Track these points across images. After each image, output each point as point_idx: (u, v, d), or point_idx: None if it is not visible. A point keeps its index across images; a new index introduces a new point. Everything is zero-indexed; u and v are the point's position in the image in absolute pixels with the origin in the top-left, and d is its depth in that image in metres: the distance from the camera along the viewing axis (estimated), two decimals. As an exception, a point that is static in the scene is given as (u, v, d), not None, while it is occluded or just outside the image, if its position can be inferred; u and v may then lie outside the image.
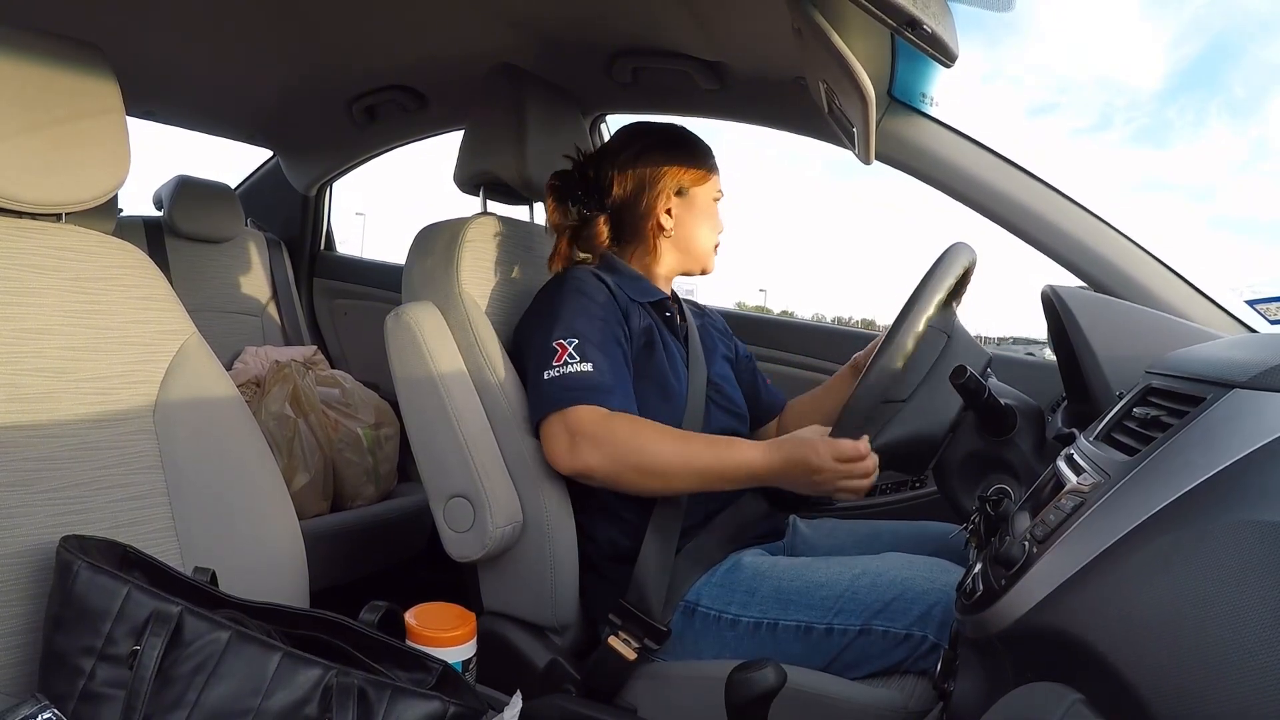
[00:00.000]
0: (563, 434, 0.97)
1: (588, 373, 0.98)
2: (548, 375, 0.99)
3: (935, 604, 0.89)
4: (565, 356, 0.99)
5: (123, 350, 0.81)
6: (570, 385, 0.98)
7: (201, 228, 1.96)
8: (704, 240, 1.17)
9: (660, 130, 1.18)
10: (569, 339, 1.00)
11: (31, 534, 0.72)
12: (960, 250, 0.96)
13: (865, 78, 0.78)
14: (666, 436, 0.96)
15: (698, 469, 0.94)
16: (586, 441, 0.95)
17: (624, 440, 0.95)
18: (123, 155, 0.82)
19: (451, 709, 0.67)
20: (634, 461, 0.95)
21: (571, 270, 1.10)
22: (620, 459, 0.95)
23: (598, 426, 0.96)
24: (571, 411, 0.97)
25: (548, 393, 0.99)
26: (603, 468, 0.96)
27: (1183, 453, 0.48)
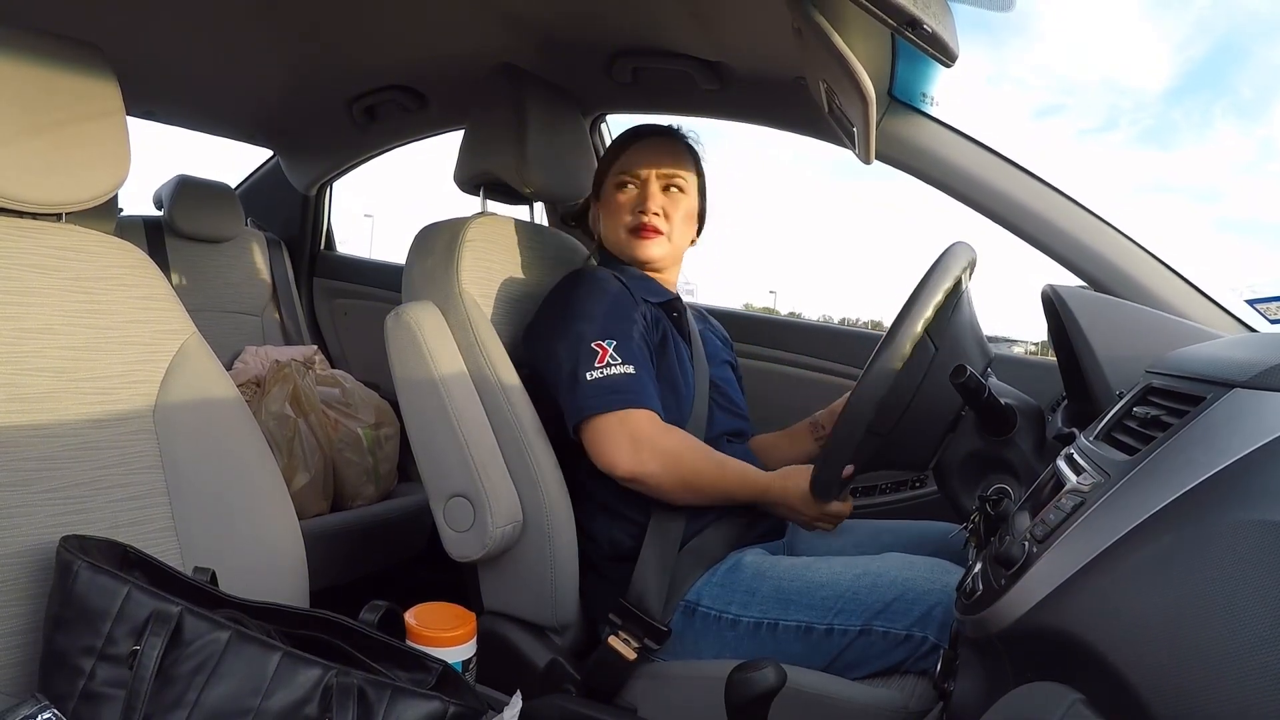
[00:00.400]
0: (623, 437, 0.97)
1: (631, 375, 0.99)
2: (591, 376, 0.99)
3: (936, 605, 0.89)
4: (607, 358, 0.99)
5: (123, 350, 0.81)
6: (618, 388, 0.98)
7: (202, 227, 1.96)
8: (610, 233, 1.17)
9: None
10: (607, 340, 1.00)
11: (32, 534, 0.72)
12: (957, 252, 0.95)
13: (865, 77, 0.78)
14: (709, 456, 1.01)
15: (727, 489, 1.01)
16: (650, 449, 0.97)
17: (681, 454, 0.99)
18: (123, 155, 0.82)
19: (451, 709, 0.67)
20: (685, 476, 0.99)
21: (590, 269, 1.10)
22: (675, 471, 0.98)
23: (660, 437, 0.98)
24: (630, 415, 0.98)
25: (593, 394, 0.99)
26: (657, 476, 0.98)
27: (1183, 452, 0.48)
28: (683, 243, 1.18)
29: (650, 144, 1.17)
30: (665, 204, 1.14)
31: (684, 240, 1.18)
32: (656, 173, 1.14)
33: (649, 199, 1.13)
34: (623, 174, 1.16)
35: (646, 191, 1.14)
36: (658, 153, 1.16)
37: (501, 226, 1.20)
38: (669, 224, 1.14)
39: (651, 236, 1.14)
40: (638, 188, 1.15)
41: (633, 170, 1.15)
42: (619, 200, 1.16)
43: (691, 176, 1.17)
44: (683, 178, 1.16)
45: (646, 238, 1.14)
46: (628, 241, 1.15)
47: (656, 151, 1.16)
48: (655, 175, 1.14)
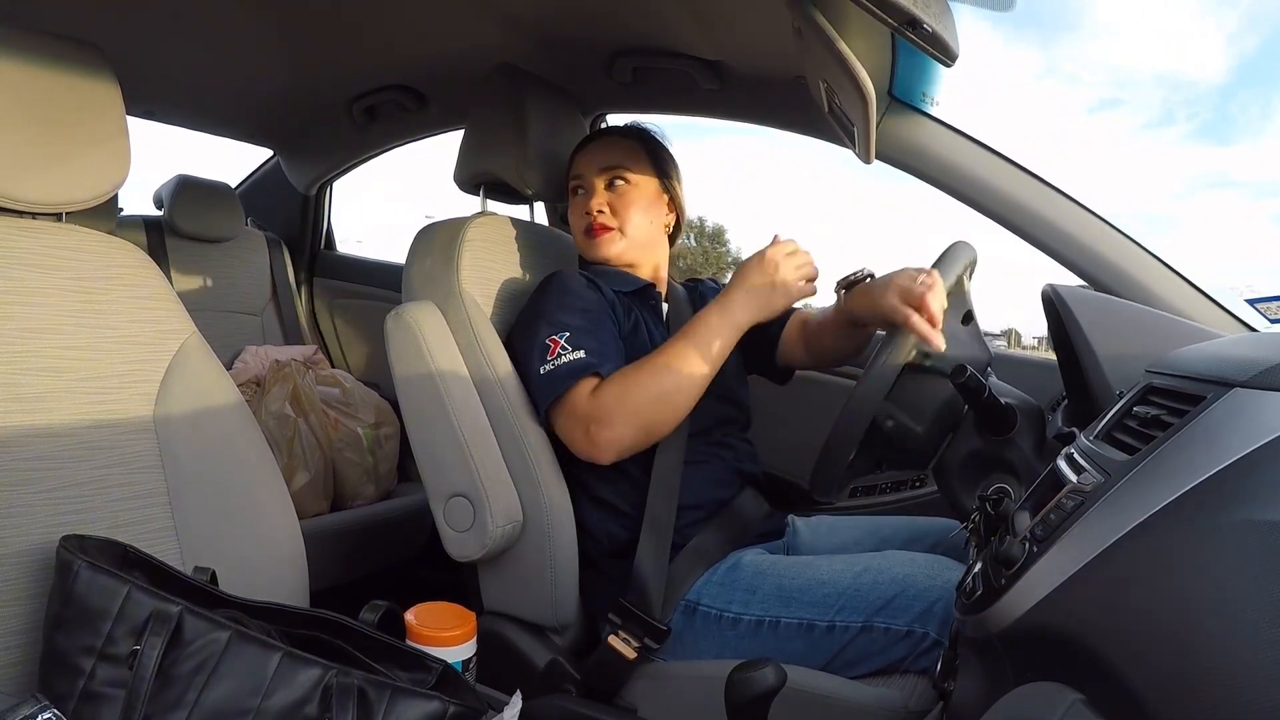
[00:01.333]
0: (574, 424, 0.99)
1: (579, 358, 1.00)
2: (543, 370, 1.01)
3: (937, 601, 0.89)
4: (558, 349, 1.01)
5: (123, 350, 0.81)
6: (564, 373, 1.00)
7: (202, 227, 1.96)
8: (574, 236, 1.19)
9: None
10: (560, 333, 1.02)
11: (32, 534, 0.72)
12: (958, 251, 0.95)
13: (865, 77, 0.78)
14: (644, 370, 0.98)
15: (691, 370, 0.97)
16: (594, 422, 0.97)
17: (619, 401, 0.97)
18: (123, 155, 0.82)
19: (451, 709, 0.67)
20: (641, 411, 0.96)
21: (560, 272, 1.11)
22: (630, 418, 0.96)
23: (592, 404, 0.98)
24: (567, 398, 0.99)
25: (545, 385, 1.01)
26: (627, 434, 0.97)
27: (1183, 452, 0.48)
28: (642, 234, 1.16)
29: (593, 145, 1.19)
30: (611, 200, 1.15)
31: (644, 232, 1.16)
32: (597, 171, 1.16)
33: (592, 198, 1.15)
34: (572, 179, 1.19)
35: (590, 191, 1.16)
36: (598, 151, 1.18)
37: (501, 226, 1.20)
38: (618, 218, 1.15)
39: (601, 234, 1.14)
40: (585, 189, 1.17)
41: (577, 173, 1.18)
42: (573, 204, 1.19)
43: (640, 168, 1.17)
44: (626, 170, 1.16)
45: (597, 236, 1.15)
46: (585, 243, 1.17)
47: (597, 150, 1.18)
48: (596, 173, 1.16)
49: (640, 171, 1.17)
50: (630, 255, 1.16)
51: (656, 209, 1.18)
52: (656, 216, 1.18)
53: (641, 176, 1.17)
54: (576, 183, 1.18)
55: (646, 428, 0.98)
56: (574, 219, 1.19)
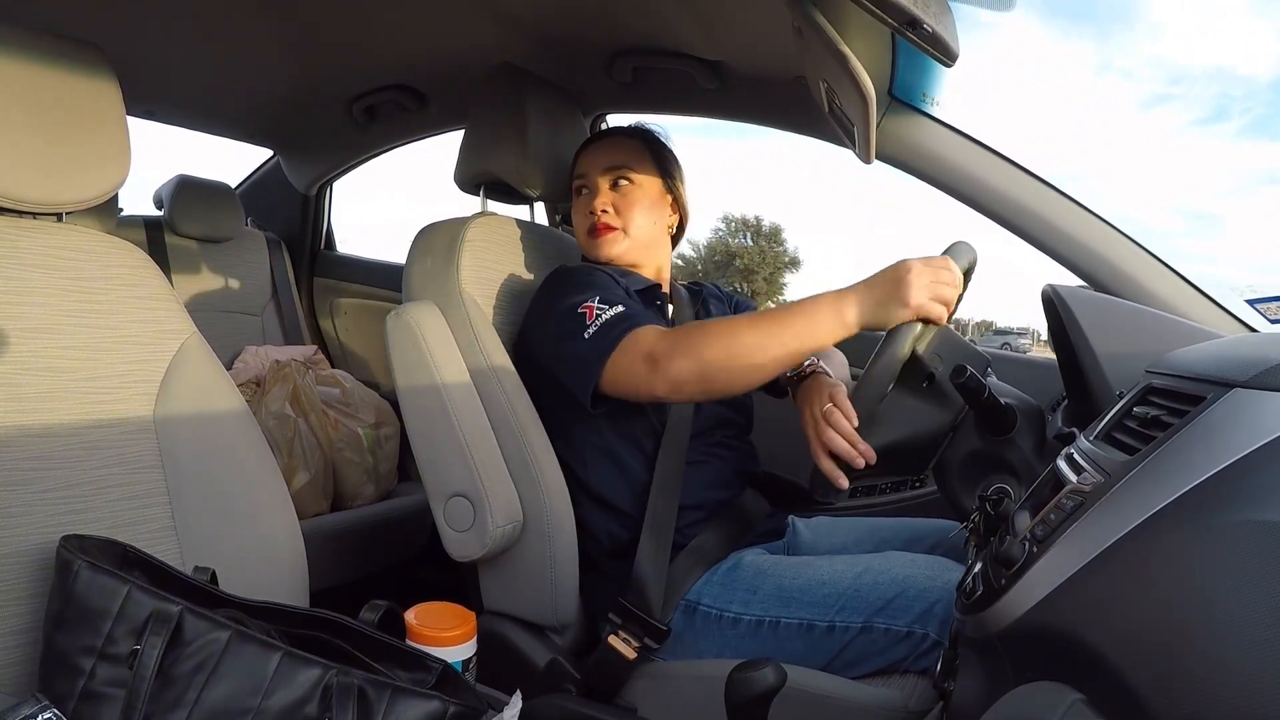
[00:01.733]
0: (638, 361, 0.94)
1: (620, 313, 0.99)
2: (588, 334, 0.98)
3: (937, 601, 0.89)
4: (594, 312, 0.99)
5: (123, 350, 0.81)
6: (612, 326, 0.97)
7: (202, 227, 1.96)
8: (578, 236, 1.19)
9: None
10: (590, 298, 1.01)
11: (32, 534, 0.72)
12: (959, 251, 0.95)
13: (865, 77, 0.78)
14: (736, 323, 0.93)
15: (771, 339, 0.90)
16: (665, 356, 0.92)
17: (699, 340, 0.92)
18: (123, 155, 0.82)
19: (451, 708, 0.67)
20: (719, 358, 0.90)
21: (566, 266, 1.11)
22: (705, 361, 0.90)
23: (667, 339, 0.93)
24: (630, 340, 0.95)
25: (596, 345, 0.97)
26: (692, 371, 0.91)
27: (1183, 452, 0.48)
28: (645, 235, 1.16)
29: (597, 144, 1.19)
30: (615, 200, 1.15)
31: (647, 232, 1.16)
32: (601, 170, 1.16)
33: (596, 197, 1.15)
34: (576, 178, 1.18)
35: (594, 190, 1.16)
36: (602, 151, 1.17)
37: (501, 226, 1.20)
38: (622, 218, 1.14)
39: (605, 234, 1.14)
40: (589, 189, 1.17)
41: (580, 172, 1.18)
42: (576, 204, 1.19)
43: (644, 168, 1.17)
44: (630, 170, 1.16)
45: (601, 235, 1.14)
46: (588, 242, 1.16)
47: (602, 150, 1.18)
48: (600, 173, 1.16)
49: (644, 172, 1.17)
50: (633, 255, 1.16)
51: (660, 209, 1.18)
52: (660, 217, 1.18)
53: (645, 177, 1.16)
54: (580, 182, 1.18)
55: (707, 375, 0.91)
56: (577, 218, 1.18)
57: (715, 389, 0.93)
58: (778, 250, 31.81)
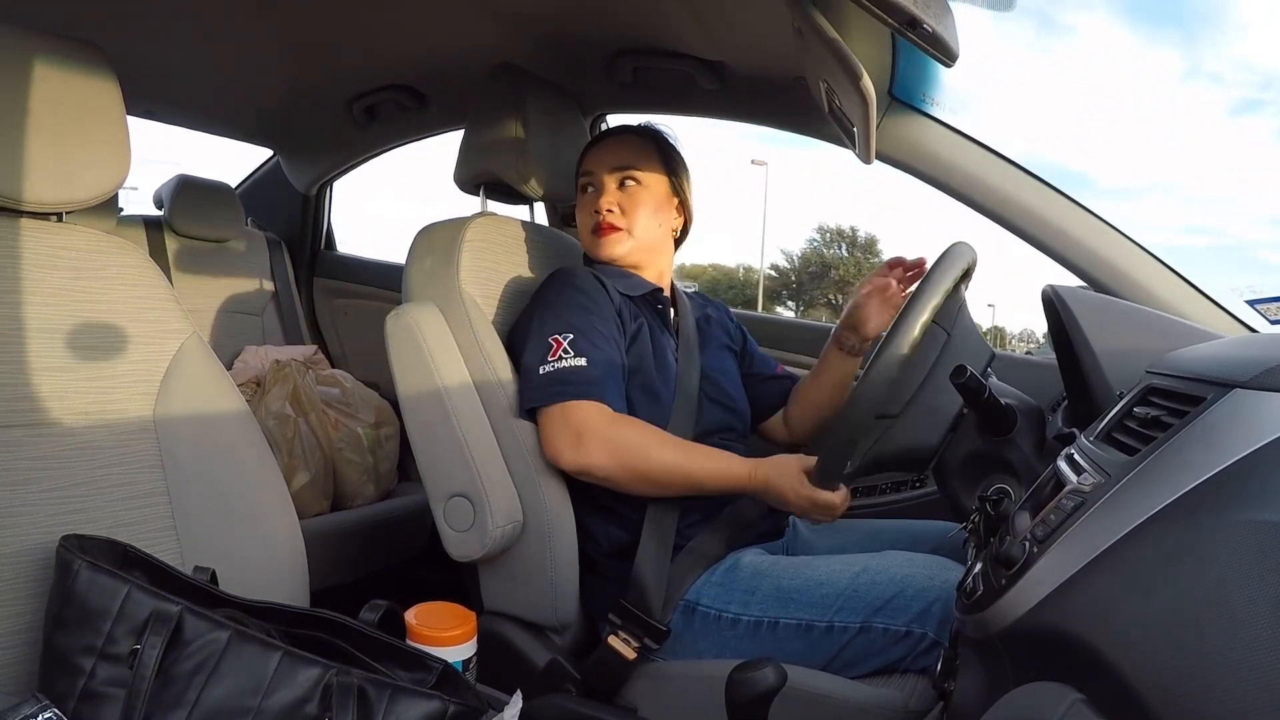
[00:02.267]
0: (566, 430, 0.98)
1: (581, 368, 1.00)
2: (542, 370, 1.01)
3: (935, 601, 0.89)
4: (560, 351, 1.00)
5: (123, 350, 0.81)
6: (566, 379, 0.99)
7: (202, 227, 1.96)
8: (581, 234, 1.18)
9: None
10: (564, 334, 1.01)
11: (32, 533, 0.72)
12: (959, 251, 0.95)
13: (865, 77, 0.78)
14: (669, 445, 1.00)
15: (694, 481, 0.99)
16: (594, 441, 0.97)
17: (631, 445, 0.98)
18: (123, 155, 0.82)
19: (451, 708, 0.67)
20: (638, 467, 0.98)
21: (568, 268, 1.10)
22: (625, 463, 0.98)
23: (606, 428, 0.98)
24: (573, 407, 0.98)
25: (541, 385, 1.00)
26: (605, 468, 0.98)
27: (1183, 452, 0.48)
28: (650, 236, 1.16)
29: (605, 143, 1.18)
30: (621, 200, 1.14)
31: (652, 234, 1.16)
32: (609, 169, 1.15)
33: (601, 196, 1.14)
34: (582, 176, 1.17)
35: (600, 189, 1.15)
36: (610, 150, 1.17)
37: (501, 226, 1.20)
38: (627, 219, 1.13)
39: (609, 233, 1.13)
40: (595, 187, 1.16)
41: (588, 170, 1.16)
42: (581, 202, 1.18)
43: (652, 169, 1.16)
44: (637, 170, 1.15)
45: (605, 235, 1.14)
46: (592, 242, 1.16)
47: (610, 149, 1.17)
48: (607, 172, 1.15)
49: (652, 172, 1.16)
50: (636, 256, 1.15)
51: (666, 211, 1.18)
52: (665, 219, 1.18)
53: (653, 177, 1.16)
54: (586, 180, 1.17)
55: (617, 479, 0.99)
56: (581, 216, 1.18)
57: (618, 486, 1.00)
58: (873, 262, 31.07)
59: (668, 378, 1.09)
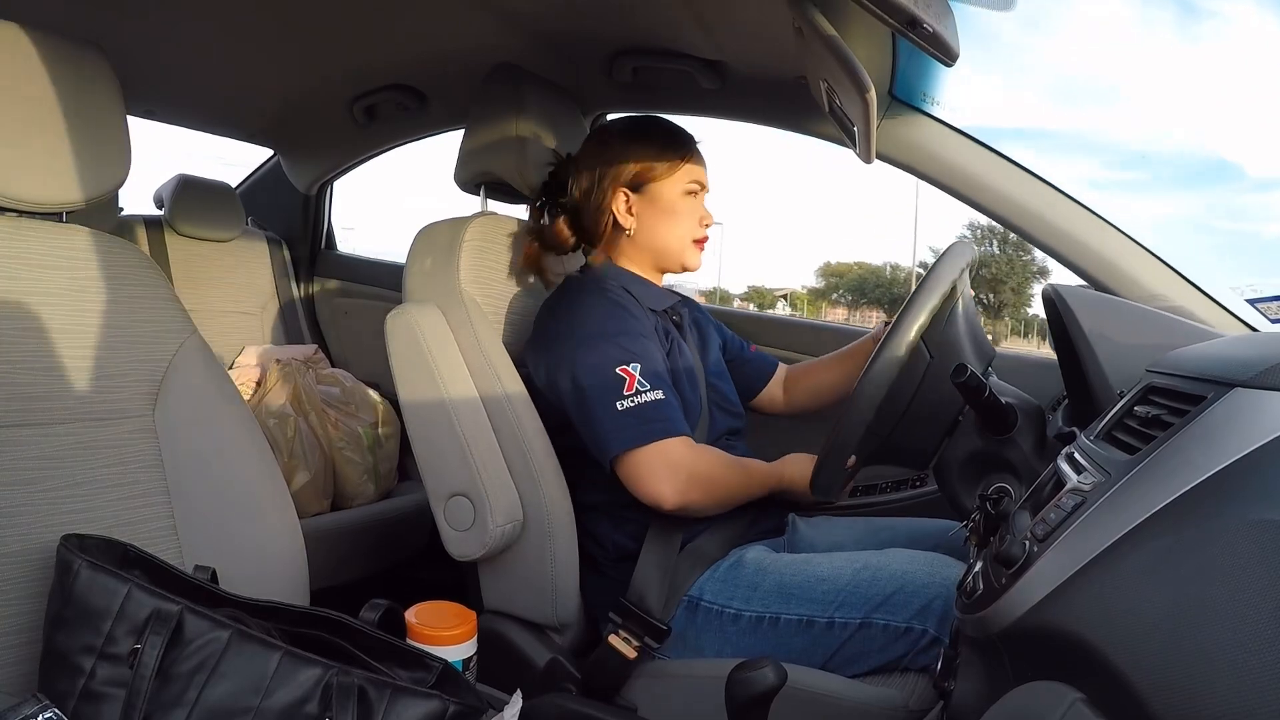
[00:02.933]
0: (664, 470, 0.96)
1: (661, 401, 0.97)
2: (622, 406, 0.96)
3: (936, 597, 0.89)
4: (635, 385, 0.97)
5: (123, 349, 0.81)
6: (650, 416, 0.96)
7: (202, 227, 1.96)
8: (668, 238, 1.11)
9: (624, 123, 1.15)
10: (632, 364, 0.98)
11: (32, 533, 0.72)
12: (957, 252, 0.95)
13: (866, 77, 0.78)
14: (734, 468, 1.03)
15: (749, 495, 1.05)
16: (688, 478, 0.97)
17: (715, 476, 1.00)
18: (123, 154, 0.82)
19: (451, 708, 0.67)
20: (720, 496, 1.01)
21: (594, 280, 1.08)
22: (713, 494, 1.00)
23: (697, 463, 0.98)
24: (667, 446, 0.96)
25: (627, 425, 0.96)
26: (700, 503, 0.99)
27: (1184, 451, 0.48)
28: None
29: (701, 155, 1.14)
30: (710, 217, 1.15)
31: None
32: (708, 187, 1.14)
33: (709, 212, 1.14)
34: (696, 181, 1.11)
35: (704, 203, 1.14)
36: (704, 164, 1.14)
37: (502, 226, 1.19)
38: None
39: (703, 248, 1.15)
40: (699, 198, 1.13)
41: (701, 179, 1.12)
42: (690, 207, 1.11)
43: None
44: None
45: (702, 249, 1.14)
46: (690, 251, 1.12)
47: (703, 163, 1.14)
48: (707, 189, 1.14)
49: None
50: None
51: None
52: None
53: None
54: (696, 186, 1.12)
55: (704, 508, 1.01)
56: (681, 222, 1.11)
57: (703, 515, 1.02)
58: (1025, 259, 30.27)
59: (695, 387, 1.09)
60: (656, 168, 1.09)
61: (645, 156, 1.10)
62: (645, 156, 1.10)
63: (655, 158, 1.10)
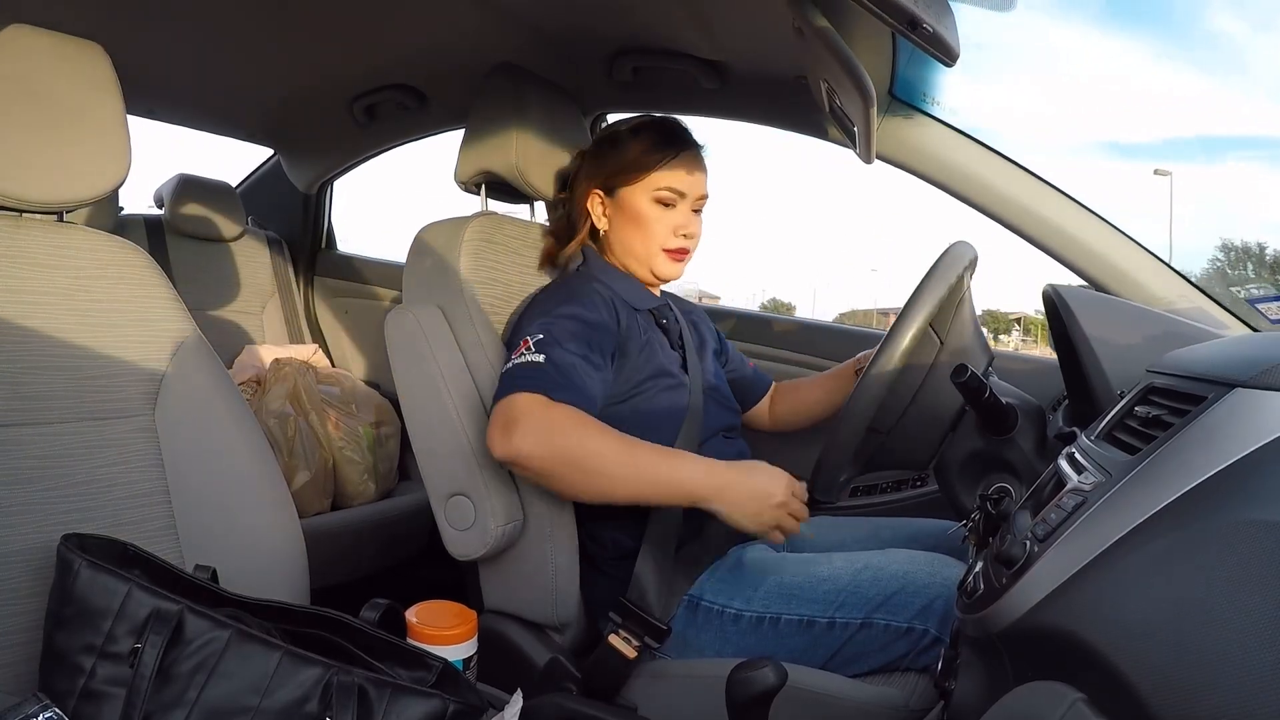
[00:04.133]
0: (499, 419, 0.92)
1: (537, 364, 0.95)
2: (504, 368, 0.97)
3: (937, 598, 0.89)
4: (523, 349, 0.97)
5: (123, 348, 0.81)
6: (517, 375, 0.95)
7: (202, 226, 1.96)
8: (634, 245, 1.10)
9: (617, 123, 1.15)
10: (535, 334, 0.98)
11: (32, 532, 0.72)
12: (958, 252, 0.95)
13: (866, 77, 0.78)
14: (609, 435, 0.92)
15: (640, 476, 0.91)
16: (522, 426, 0.90)
17: (562, 429, 0.90)
18: (123, 154, 0.82)
19: (452, 707, 0.67)
20: (571, 454, 0.90)
21: (573, 276, 1.09)
22: (556, 450, 0.90)
23: (535, 413, 0.91)
24: (512, 398, 0.93)
25: (500, 384, 0.96)
26: (536, 455, 0.90)
27: (1184, 452, 0.48)
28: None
29: (692, 162, 1.10)
30: (695, 225, 1.12)
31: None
32: (697, 195, 1.11)
33: (690, 222, 1.10)
34: (668, 189, 1.08)
35: (686, 213, 1.10)
36: (697, 173, 1.10)
37: (502, 225, 1.19)
38: (693, 243, 1.13)
39: (683, 259, 1.11)
40: (676, 207, 1.09)
41: (678, 187, 1.09)
42: (658, 216, 1.09)
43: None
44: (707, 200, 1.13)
45: (680, 260, 1.11)
46: (660, 261, 1.10)
47: (697, 171, 1.10)
48: (696, 198, 1.11)
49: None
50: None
51: None
52: None
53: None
54: (670, 195, 1.08)
55: (553, 470, 0.91)
56: (652, 231, 1.09)
57: (554, 482, 0.92)
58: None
59: (678, 384, 1.09)
60: (624, 174, 1.09)
61: (617, 161, 1.10)
62: (617, 161, 1.10)
63: (625, 164, 1.09)
